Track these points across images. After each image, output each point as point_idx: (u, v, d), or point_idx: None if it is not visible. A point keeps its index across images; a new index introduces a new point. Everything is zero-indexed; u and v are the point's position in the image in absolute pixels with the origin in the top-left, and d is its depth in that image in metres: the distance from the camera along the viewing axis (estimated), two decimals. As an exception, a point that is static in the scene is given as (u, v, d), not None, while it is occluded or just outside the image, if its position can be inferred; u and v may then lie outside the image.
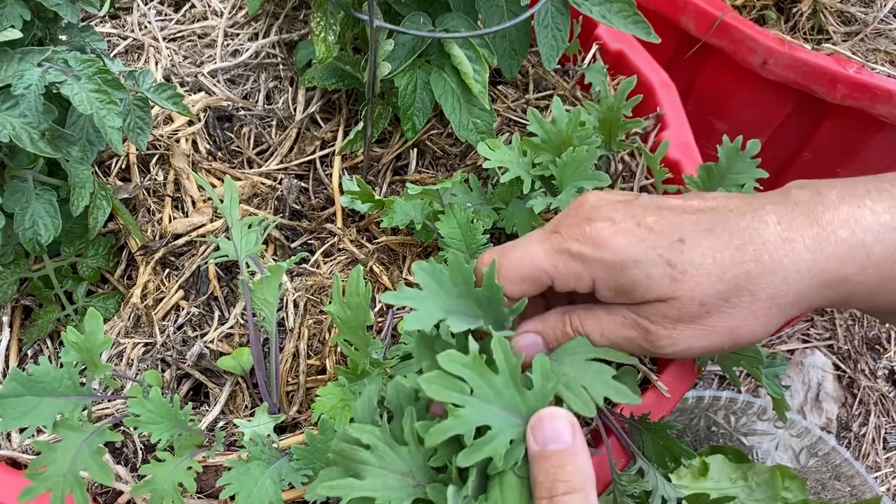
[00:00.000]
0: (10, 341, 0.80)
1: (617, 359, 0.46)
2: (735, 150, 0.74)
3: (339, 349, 0.78)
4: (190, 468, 0.60)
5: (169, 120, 0.95)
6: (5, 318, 0.81)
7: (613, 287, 0.50)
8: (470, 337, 0.45)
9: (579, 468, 0.42)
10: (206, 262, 0.83)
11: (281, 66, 1.03)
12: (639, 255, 0.49)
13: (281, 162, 0.95)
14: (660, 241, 0.49)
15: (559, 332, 0.53)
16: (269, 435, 0.64)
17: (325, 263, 0.85)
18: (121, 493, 0.69)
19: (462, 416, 0.41)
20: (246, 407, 0.76)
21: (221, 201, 0.73)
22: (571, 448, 0.42)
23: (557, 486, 0.41)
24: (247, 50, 1.03)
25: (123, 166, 0.90)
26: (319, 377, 0.77)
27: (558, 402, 0.45)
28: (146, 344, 0.79)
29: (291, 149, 0.97)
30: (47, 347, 0.81)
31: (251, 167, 0.95)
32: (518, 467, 0.42)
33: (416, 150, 0.95)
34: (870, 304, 0.50)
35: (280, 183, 0.92)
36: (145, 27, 1.06)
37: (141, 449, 0.72)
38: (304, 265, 0.84)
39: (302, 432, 0.72)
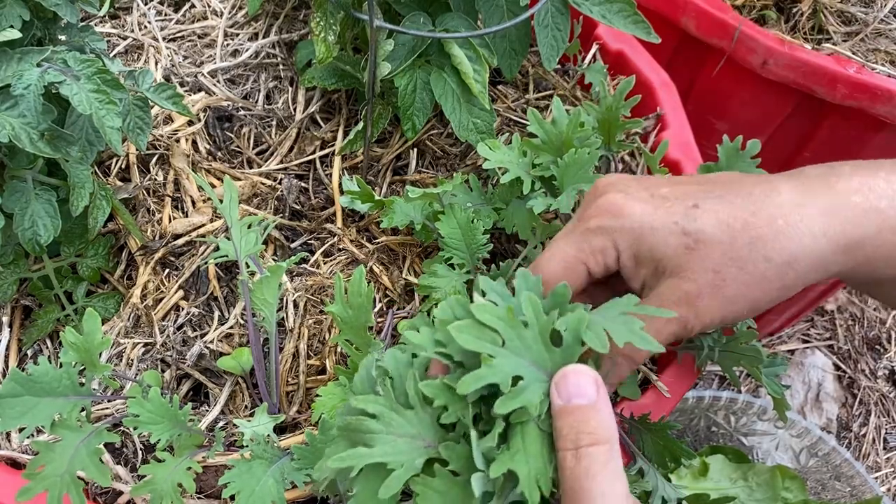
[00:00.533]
0: (9, 341, 0.80)
1: (653, 313, 0.45)
2: (735, 149, 0.74)
3: (339, 349, 0.78)
4: (190, 468, 0.60)
5: (169, 120, 0.95)
6: (5, 318, 0.81)
7: (634, 256, 0.51)
8: (502, 290, 0.45)
9: (603, 422, 0.42)
10: (205, 262, 0.83)
11: (281, 66, 1.02)
12: (655, 221, 0.50)
13: (281, 162, 0.95)
14: (674, 208, 0.50)
15: (608, 363, 0.53)
16: (269, 435, 0.64)
17: (325, 263, 0.85)
18: (120, 493, 0.69)
19: (496, 365, 0.41)
20: (246, 407, 0.76)
21: (221, 201, 0.73)
22: (595, 404, 0.42)
23: (582, 437, 0.41)
24: (247, 50, 1.03)
25: (123, 166, 0.90)
26: (319, 377, 0.77)
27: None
28: (146, 344, 0.79)
29: (291, 149, 0.97)
30: (47, 347, 0.81)
31: (251, 167, 0.94)
32: (541, 420, 0.43)
33: (416, 150, 0.95)
34: (887, 272, 0.50)
35: (280, 183, 0.92)
36: (145, 27, 1.06)
37: (141, 449, 0.72)
38: (304, 265, 0.84)
39: (302, 432, 0.72)
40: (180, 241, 0.84)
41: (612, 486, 0.40)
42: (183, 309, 0.80)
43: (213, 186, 0.90)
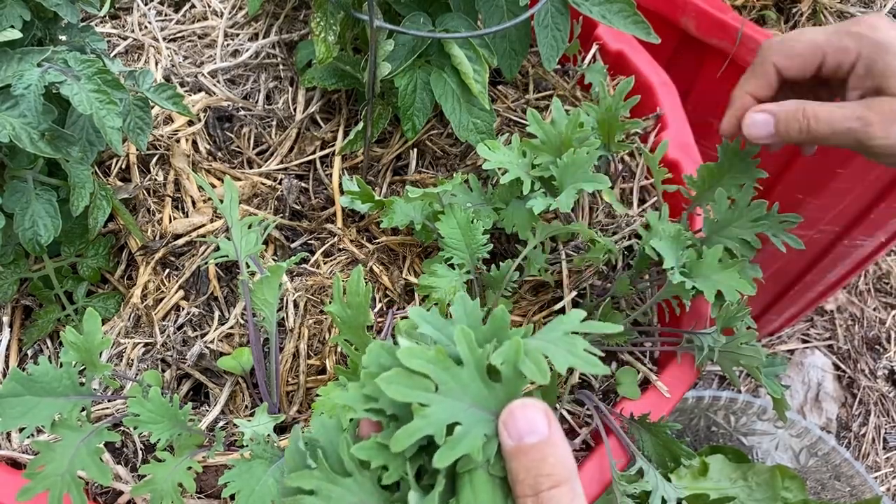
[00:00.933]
0: (10, 341, 0.80)
1: (601, 329, 0.43)
2: (735, 150, 0.74)
3: (339, 349, 0.78)
4: (190, 468, 0.60)
5: (169, 120, 0.95)
6: (5, 318, 0.81)
7: (869, 66, 0.62)
8: (436, 321, 0.43)
9: (561, 459, 0.40)
10: (206, 263, 0.83)
11: (281, 67, 1.03)
12: (894, 49, 0.61)
13: (281, 162, 0.95)
14: None
15: (792, 116, 0.63)
16: (269, 435, 0.64)
17: (325, 263, 0.85)
18: (121, 493, 0.69)
19: (429, 414, 0.38)
20: (246, 407, 0.76)
21: (221, 201, 0.73)
22: (549, 439, 0.40)
23: (541, 480, 0.39)
24: (247, 50, 1.03)
25: (123, 166, 0.90)
26: (319, 377, 0.77)
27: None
28: (146, 344, 0.79)
29: (291, 149, 0.97)
30: (47, 347, 0.81)
31: (251, 167, 0.95)
32: (491, 465, 0.40)
33: (416, 150, 0.95)
34: None
35: (280, 183, 0.92)
36: (145, 27, 1.06)
37: (141, 449, 0.72)
38: (304, 265, 0.84)
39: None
40: (180, 241, 0.84)
41: None
42: (183, 309, 0.81)
43: (214, 186, 0.90)
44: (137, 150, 0.87)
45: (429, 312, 0.43)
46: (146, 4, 1.09)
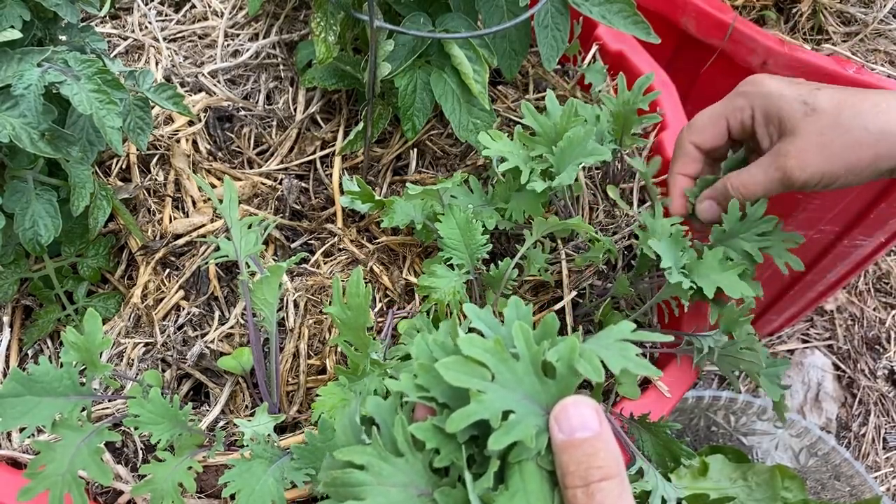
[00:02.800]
0: (10, 341, 0.80)
1: (651, 339, 0.44)
2: (737, 160, 0.75)
3: (339, 349, 0.78)
4: (190, 468, 0.60)
5: (169, 120, 0.95)
6: (6, 318, 0.81)
7: (765, 115, 0.68)
8: (489, 318, 0.44)
9: (611, 454, 0.41)
10: (206, 263, 0.83)
11: (281, 67, 1.03)
12: (784, 92, 0.67)
13: (281, 162, 0.95)
14: (802, 88, 0.67)
15: (726, 195, 0.71)
16: (269, 435, 0.64)
17: (325, 263, 0.85)
18: (121, 492, 0.69)
19: (485, 400, 0.39)
20: (246, 407, 0.76)
21: (221, 202, 0.73)
22: (600, 435, 0.41)
23: (592, 472, 0.40)
24: (247, 50, 1.03)
25: (124, 166, 0.90)
26: (320, 377, 0.77)
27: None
28: (146, 344, 0.79)
29: (292, 149, 0.97)
30: (48, 347, 0.81)
31: (251, 167, 0.95)
32: (540, 458, 0.41)
33: (416, 150, 0.95)
34: None
35: (280, 183, 0.92)
36: (145, 27, 1.06)
37: (141, 449, 0.72)
38: (304, 265, 0.84)
39: (302, 432, 0.72)
40: (181, 241, 0.84)
41: None
42: (183, 309, 0.81)
43: (214, 186, 0.90)
44: (138, 150, 0.87)
45: (483, 311, 0.44)
46: (146, 4, 1.09)
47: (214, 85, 0.99)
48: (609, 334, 0.43)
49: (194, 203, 0.89)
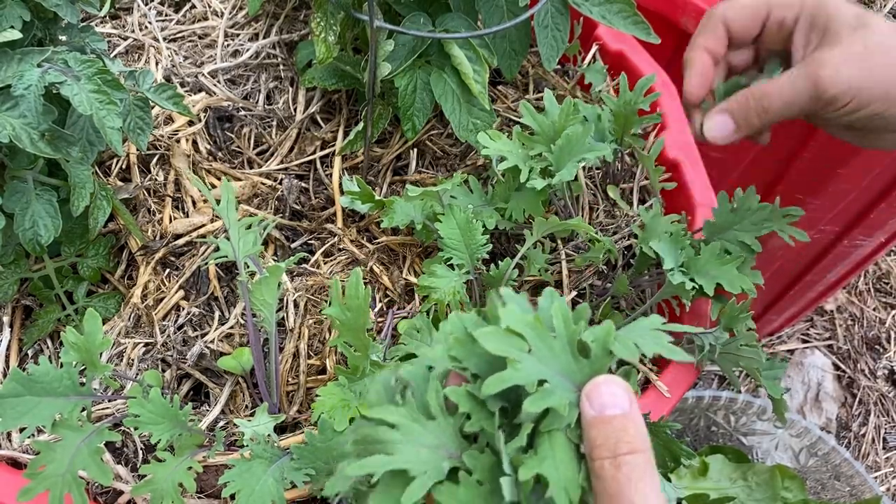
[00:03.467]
0: (10, 341, 0.80)
1: (681, 329, 0.47)
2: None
3: (339, 348, 0.78)
4: (190, 468, 0.60)
5: (169, 120, 0.95)
6: (6, 318, 0.81)
7: (813, 18, 0.62)
8: (524, 302, 0.45)
9: (640, 432, 0.42)
10: (206, 263, 0.83)
11: (281, 67, 1.03)
12: (840, 3, 0.62)
13: (281, 162, 0.95)
14: (858, 8, 0.62)
15: (745, 105, 0.63)
16: (269, 435, 0.64)
17: (325, 263, 0.85)
18: (121, 492, 0.69)
19: (522, 368, 0.41)
20: (246, 407, 0.76)
21: (219, 203, 0.73)
22: (629, 413, 0.42)
23: (621, 445, 0.41)
24: (247, 50, 1.03)
25: (124, 166, 0.90)
26: (320, 377, 0.77)
27: None
28: (146, 344, 0.79)
29: (291, 149, 0.97)
30: (48, 347, 0.81)
31: (251, 167, 0.95)
32: (570, 430, 0.42)
33: (416, 150, 0.95)
34: None
35: (280, 183, 0.92)
36: (145, 27, 1.06)
37: (141, 449, 0.72)
38: (304, 265, 0.84)
39: (302, 432, 0.72)
40: (181, 242, 0.84)
41: (655, 495, 0.40)
42: (183, 309, 0.81)
43: (214, 186, 0.90)
44: (138, 150, 0.87)
45: (518, 296, 0.45)
46: (146, 4, 1.09)
47: (214, 85, 0.99)
48: (640, 325, 0.45)
49: (194, 203, 0.89)
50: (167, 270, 0.83)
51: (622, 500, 0.40)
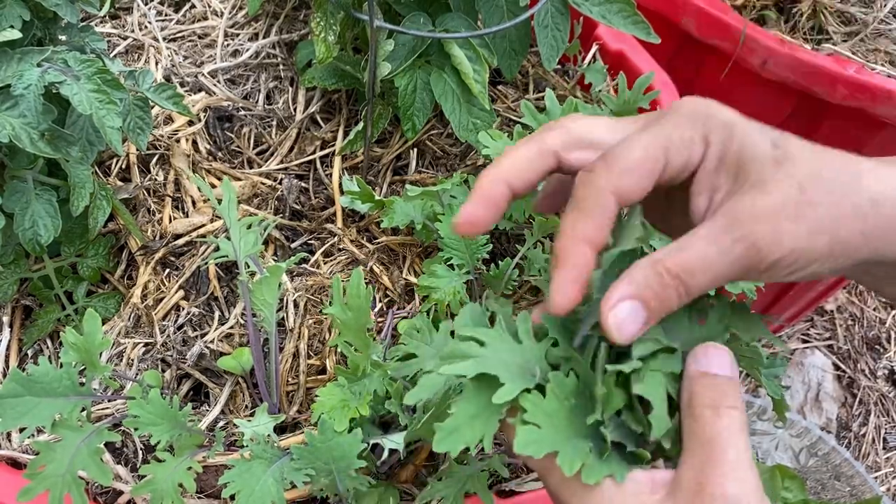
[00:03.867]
0: (10, 341, 0.80)
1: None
2: None
3: (339, 348, 0.78)
4: (190, 468, 0.60)
5: (169, 120, 0.95)
6: (5, 318, 0.81)
7: (721, 154, 0.45)
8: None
9: (740, 398, 0.43)
10: (206, 263, 0.83)
11: (281, 66, 1.03)
12: (747, 127, 0.45)
13: (281, 162, 0.95)
14: (765, 128, 0.46)
15: (658, 284, 0.43)
16: (269, 435, 0.64)
17: (325, 263, 0.85)
18: (121, 493, 0.69)
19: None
20: (246, 407, 0.76)
21: (220, 202, 0.73)
22: (733, 379, 0.43)
23: (726, 399, 0.41)
24: (247, 50, 1.03)
25: (123, 166, 0.90)
26: (320, 377, 0.77)
27: None
28: (146, 344, 0.79)
29: (291, 149, 0.97)
30: (47, 347, 0.81)
31: (251, 167, 0.95)
32: (668, 380, 0.43)
33: (416, 150, 0.95)
34: None
35: (280, 183, 0.92)
36: (145, 27, 1.06)
37: (141, 449, 0.72)
38: (304, 265, 0.84)
39: (302, 432, 0.72)
40: (181, 241, 0.84)
41: (747, 452, 0.41)
42: (183, 309, 0.81)
43: (214, 186, 0.90)
44: (137, 150, 0.87)
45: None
46: (146, 4, 1.08)
47: (214, 85, 0.99)
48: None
49: (194, 203, 0.89)
50: (167, 270, 0.83)
51: (716, 447, 0.40)
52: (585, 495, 0.41)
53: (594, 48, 1.07)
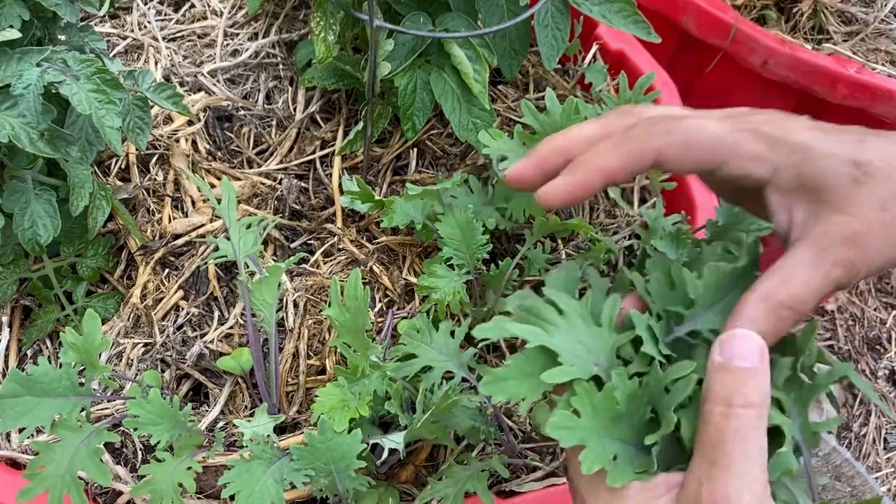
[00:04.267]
0: (9, 341, 0.80)
1: None
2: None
3: (339, 349, 0.78)
4: (190, 468, 0.60)
5: (169, 120, 0.95)
6: (5, 319, 0.81)
7: (795, 176, 0.46)
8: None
9: (760, 387, 0.41)
10: (205, 263, 0.83)
11: (281, 66, 1.02)
12: (825, 148, 0.45)
13: (281, 162, 0.95)
14: (844, 139, 0.46)
15: (776, 317, 0.45)
16: (268, 435, 0.64)
17: (324, 263, 0.85)
18: (120, 493, 0.69)
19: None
20: (246, 407, 0.76)
21: (219, 202, 0.73)
22: (757, 370, 0.41)
23: (737, 396, 0.40)
24: (246, 50, 1.02)
25: (123, 166, 0.90)
26: (319, 377, 0.77)
27: None
28: (146, 344, 0.79)
29: (291, 149, 0.97)
30: (47, 347, 0.81)
31: (251, 167, 0.94)
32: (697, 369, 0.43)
33: (416, 150, 0.95)
34: None
35: (280, 183, 0.91)
36: (145, 27, 1.06)
37: (141, 449, 0.72)
38: (303, 265, 0.84)
39: (302, 432, 0.72)
40: (180, 241, 0.84)
41: (757, 453, 0.40)
42: (183, 309, 0.80)
43: (213, 186, 0.90)
44: (137, 149, 0.87)
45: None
46: (146, 4, 1.08)
47: (214, 84, 0.99)
48: None
49: (194, 203, 0.89)
50: (166, 270, 0.83)
51: (722, 452, 0.40)
52: (598, 490, 0.41)
53: (594, 48, 1.07)
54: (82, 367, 0.60)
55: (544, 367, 0.41)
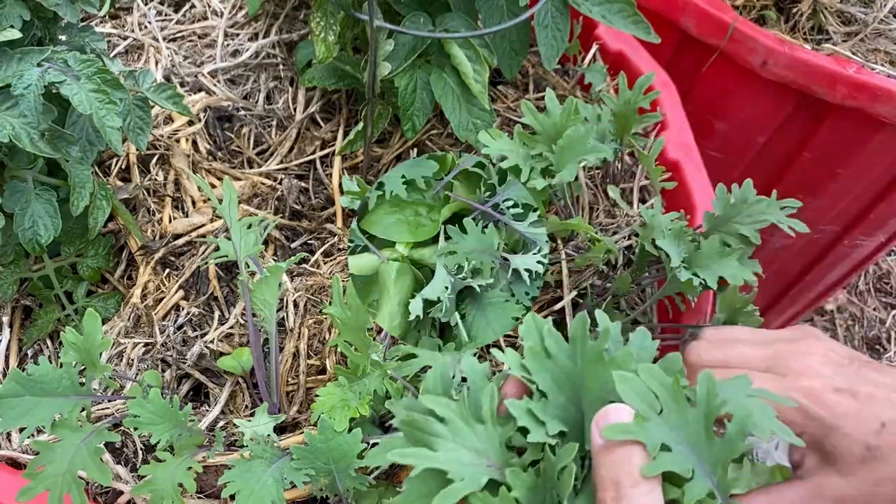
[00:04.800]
0: (10, 341, 0.80)
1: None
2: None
3: (339, 348, 0.78)
4: (190, 468, 0.60)
5: (169, 120, 0.95)
6: (5, 318, 0.81)
7: (817, 442, 0.55)
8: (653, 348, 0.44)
9: (645, 460, 0.40)
10: (206, 263, 0.83)
11: (281, 66, 1.02)
12: (848, 427, 0.53)
13: (281, 162, 0.95)
14: (871, 413, 0.53)
15: None
16: (269, 435, 0.64)
17: (325, 263, 0.85)
18: (121, 493, 0.69)
19: (647, 429, 0.40)
20: (246, 407, 0.76)
21: (220, 202, 0.73)
22: (639, 443, 0.40)
23: (624, 478, 0.39)
24: (247, 50, 1.03)
25: (123, 166, 0.90)
26: (319, 377, 0.77)
27: None
28: (146, 344, 0.79)
29: (291, 149, 0.97)
30: (47, 347, 0.81)
31: (251, 167, 0.95)
32: None
33: (416, 150, 0.95)
34: None
35: (280, 183, 0.92)
36: (145, 27, 1.06)
37: (141, 449, 0.72)
38: (304, 265, 0.84)
39: (302, 432, 0.72)
40: (180, 241, 0.84)
41: None
42: (183, 309, 0.81)
43: (214, 186, 0.90)
44: (137, 149, 0.87)
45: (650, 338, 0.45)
46: (146, 4, 1.08)
47: (214, 85, 0.99)
48: (734, 384, 0.44)
49: (194, 203, 0.89)
50: (167, 270, 0.83)
51: None
52: None
53: (594, 48, 1.07)
54: (83, 367, 0.61)
55: (439, 485, 0.40)
